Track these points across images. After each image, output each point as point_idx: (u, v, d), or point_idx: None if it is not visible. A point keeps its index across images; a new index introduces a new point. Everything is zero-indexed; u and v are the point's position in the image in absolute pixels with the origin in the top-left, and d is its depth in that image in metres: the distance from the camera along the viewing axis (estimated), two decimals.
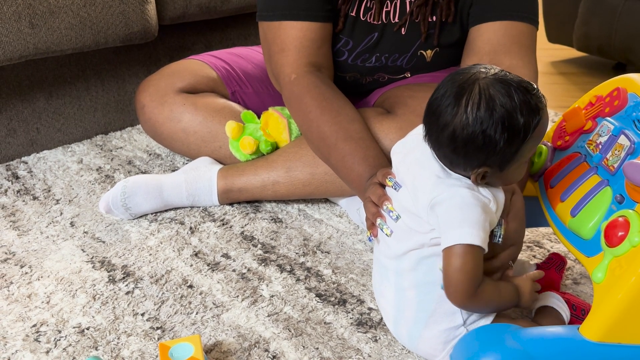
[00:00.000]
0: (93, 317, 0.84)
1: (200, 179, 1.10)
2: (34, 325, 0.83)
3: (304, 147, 1.05)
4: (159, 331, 0.81)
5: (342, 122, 0.93)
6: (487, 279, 0.68)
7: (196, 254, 0.98)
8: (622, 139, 0.70)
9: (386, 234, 0.73)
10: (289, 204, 1.13)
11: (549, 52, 2.34)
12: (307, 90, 0.97)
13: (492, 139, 0.63)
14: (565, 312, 0.75)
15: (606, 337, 0.61)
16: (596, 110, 0.77)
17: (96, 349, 0.78)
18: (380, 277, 0.77)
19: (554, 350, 0.63)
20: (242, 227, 1.06)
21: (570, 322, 0.76)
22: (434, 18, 1.01)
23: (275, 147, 1.13)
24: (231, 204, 1.13)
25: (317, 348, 0.77)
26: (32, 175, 1.28)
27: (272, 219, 1.08)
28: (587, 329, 0.62)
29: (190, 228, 1.06)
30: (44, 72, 1.37)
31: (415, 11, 1.00)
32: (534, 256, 0.95)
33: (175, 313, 0.84)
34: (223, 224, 1.07)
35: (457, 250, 0.64)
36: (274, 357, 0.76)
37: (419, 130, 0.71)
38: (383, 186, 0.76)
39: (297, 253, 0.98)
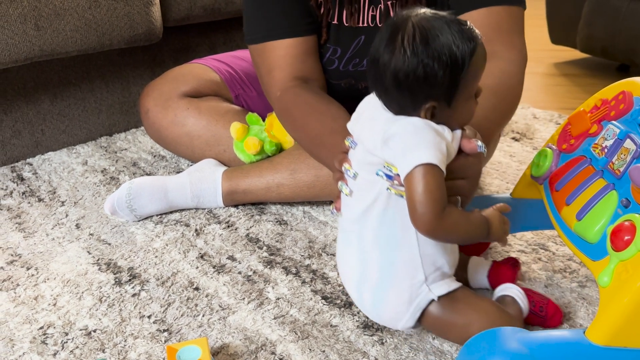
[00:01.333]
0: (100, 319, 0.84)
1: (204, 180, 1.10)
2: (41, 328, 0.83)
3: None
4: (165, 334, 0.81)
5: (326, 120, 0.93)
6: (452, 205, 0.68)
7: (202, 256, 0.98)
8: (628, 143, 0.70)
9: (346, 194, 0.74)
10: (294, 206, 1.13)
11: (552, 54, 2.34)
12: (293, 102, 0.99)
13: (432, 69, 0.64)
14: (525, 304, 0.76)
15: (612, 341, 0.62)
16: (602, 114, 0.78)
17: (103, 351, 0.78)
18: (344, 245, 0.77)
19: (560, 354, 0.64)
20: (248, 229, 1.06)
21: (528, 318, 0.78)
22: None
23: (279, 149, 1.14)
24: (236, 206, 1.13)
25: (324, 351, 0.77)
26: (37, 177, 1.28)
27: (277, 221, 1.09)
28: (593, 333, 0.63)
29: (196, 230, 1.06)
30: (48, 74, 1.37)
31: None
32: (539, 259, 0.95)
33: (181, 315, 0.84)
34: (228, 226, 1.07)
35: (417, 172, 0.64)
36: (280, 359, 0.76)
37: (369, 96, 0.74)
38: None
39: (302, 255, 0.98)
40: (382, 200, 0.70)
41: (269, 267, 0.95)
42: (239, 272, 0.94)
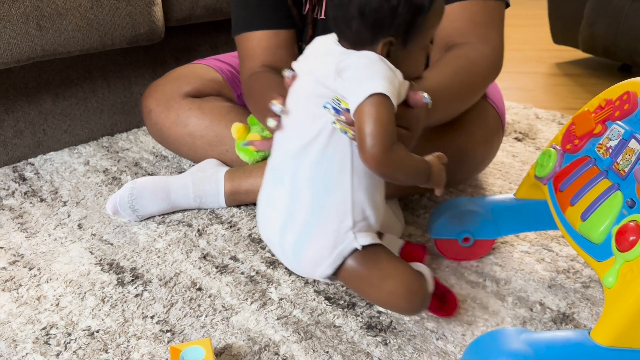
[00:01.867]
0: (102, 319, 0.84)
1: (207, 180, 1.10)
2: (44, 328, 0.83)
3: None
4: (168, 334, 0.81)
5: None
6: (400, 143, 0.67)
7: (204, 257, 0.98)
8: (633, 143, 0.70)
9: (272, 127, 0.73)
10: None
11: (554, 54, 2.34)
12: (255, 80, 1.03)
13: (398, 3, 0.65)
14: (431, 284, 0.76)
15: (617, 341, 0.61)
16: (606, 114, 0.77)
17: (106, 351, 0.78)
18: (273, 184, 0.74)
19: (565, 355, 0.63)
20: (250, 230, 1.06)
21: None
22: None
23: None
24: (238, 206, 1.13)
25: (327, 352, 0.77)
26: (39, 177, 1.28)
27: None
28: (598, 334, 0.62)
29: (198, 230, 1.06)
30: (50, 73, 1.37)
31: None
32: (543, 259, 0.95)
33: (184, 316, 0.84)
34: (231, 226, 1.07)
35: (370, 102, 0.63)
36: None
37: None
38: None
39: None
40: (324, 136, 0.68)
41: (271, 267, 0.95)
42: (242, 273, 0.94)
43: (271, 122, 0.72)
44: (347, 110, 0.65)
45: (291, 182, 0.71)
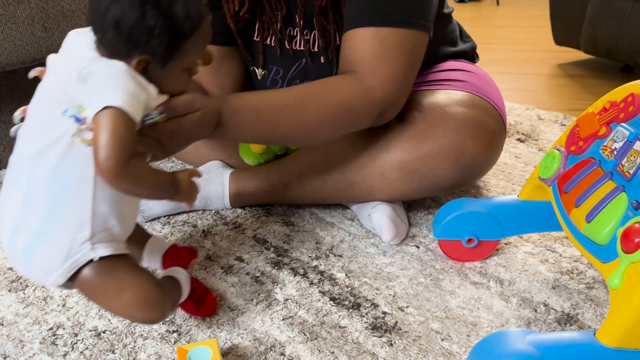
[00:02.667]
0: (109, 320, 0.84)
1: (212, 182, 1.10)
2: (51, 329, 0.83)
3: (316, 153, 1.05)
4: (175, 334, 0.81)
5: None
6: (142, 158, 0.67)
7: (210, 257, 0.99)
8: (638, 145, 0.71)
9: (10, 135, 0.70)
10: (300, 207, 1.13)
11: (556, 55, 2.34)
12: None
13: (157, 24, 0.63)
14: (186, 289, 0.78)
15: (623, 343, 0.62)
16: (610, 116, 0.78)
17: (113, 352, 0.79)
18: (10, 184, 0.70)
19: (571, 356, 0.64)
20: (254, 231, 1.06)
21: (184, 304, 0.81)
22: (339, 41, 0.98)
23: (284, 149, 1.13)
24: (243, 207, 1.14)
25: (333, 352, 0.77)
26: None
27: (283, 222, 1.09)
28: (603, 335, 0.63)
29: (203, 231, 1.06)
30: None
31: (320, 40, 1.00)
32: (546, 260, 0.96)
33: (190, 316, 0.84)
34: (235, 227, 1.08)
35: (107, 113, 0.60)
36: None
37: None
38: None
39: (309, 256, 0.98)
40: (64, 143, 0.65)
41: (276, 268, 0.96)
42: (247, 273, 0.94)
43: (13, 129, 0.69)
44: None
45: (26, 185, 0.67)
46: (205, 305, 0.83)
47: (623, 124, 0.75)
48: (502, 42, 2.66)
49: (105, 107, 0.61)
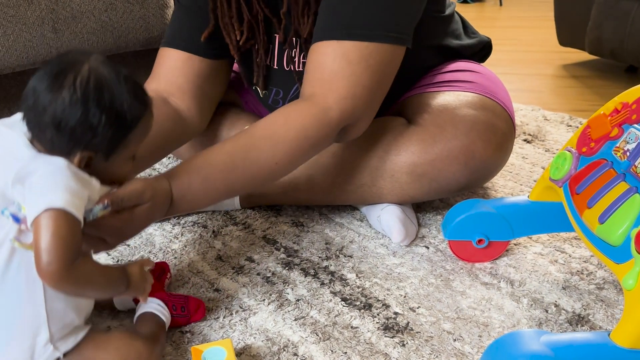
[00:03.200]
0: (121, 321, 0.85)
1: None
2: None
3: (325, 155, 1.05)
4: (188, 334, 0.82)
5: None
6: (89, 256, 0.65)
7: (220, 258, 0.99)
8: None
9: None
10: (310, 208, 1.14)
11: (561, 55, 2.35)
12: None
13: (98, 120, 0.62)
14: (165, 315, 0.77)
15: (638, 343, 0.62)
16: (622, 117, 0.78)
17: None
18: None
19: (585, 357, 0.64)
20: (264, 231, 1.07)
21: (174, 321, 0.80)
22: None
23: None
24: (252, 208, 1.14)
25: (346, 352, 0.78)
26: None
27: (293, 223, 1.09)
28: (618, 336, 0.63)
29: (213, 231, 1.07)
30: None
31: None
32: (556, 261, 0.96)
33: (204, 315, 0.85)
34: (245, 228, 1.08)
35: (47, 216, 0.58)
36: None
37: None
38: None
39: (320, 257, 0.99)
40: (6, 248, 0.62)
41: (287, 268, 0.96)
42: (258, 274, 0.95)
43: None
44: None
45: None
46: (192, 312, 0.82)
47: (636, 125, 0.75)
48: (506, 43, 2.66)
49: (47, 209, 0.58)
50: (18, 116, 0.65)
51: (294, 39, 0.99)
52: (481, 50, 1.19)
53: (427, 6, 0.94)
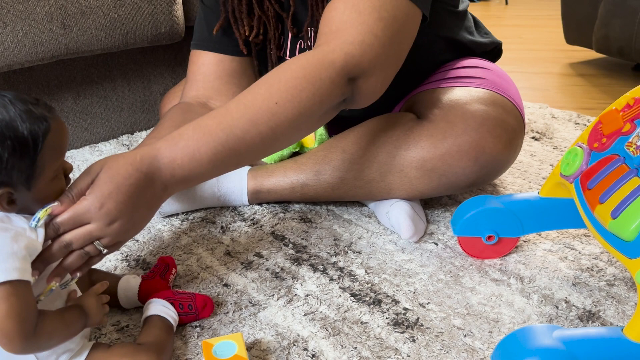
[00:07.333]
0: (131, 315, 0.85)
1: (231, 179, 1.10)
2: None
3: (334, 151, 1.05)
4: (198, 329, 0.82)
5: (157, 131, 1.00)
6: (45, 311, 0.62)
7: (229, 253, 0.99)
8: None
9: None
10: (317, 204, 1.14)
11: (568, 54, 2.34)
12: (171, 113, 1.04)
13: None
14: (172, 316, 0.77)
15: None
16: (634, 113, 0.78)
17: None
18: None
19: (598, 351, 0.64)
20: (272, 227, 1.07)
21: (182, 320, 0.80)
22: None
23: (301, 146, 1.14)
24: (260, 204, 1.14)
25: (356, 347, 0.78)
26: None
27: (301, 219, 1.09)
28: (631, 331, 0.63)
29: (222, 227, 1.07)
30: (72, 72, 1.38)
31: None
32: (566, 257, 0.96)
33: (212, 311, 0.85)
34: (253, 224, 1.08)
35: None
36: (313, 355, 0.76)
37: None
38: None
39: (328, 253, 0.99)
40: None
41: (296, 264, 0.96)
42: (267, 269, 0.95)
43: None
44: None
45: None
46: (199, 309, 0.82)
47: None
48: (512, 42, 2.66)
49: None
50: None
51: (309, 29, 0.99)
52: (492, 50, 1.19)
53: None
